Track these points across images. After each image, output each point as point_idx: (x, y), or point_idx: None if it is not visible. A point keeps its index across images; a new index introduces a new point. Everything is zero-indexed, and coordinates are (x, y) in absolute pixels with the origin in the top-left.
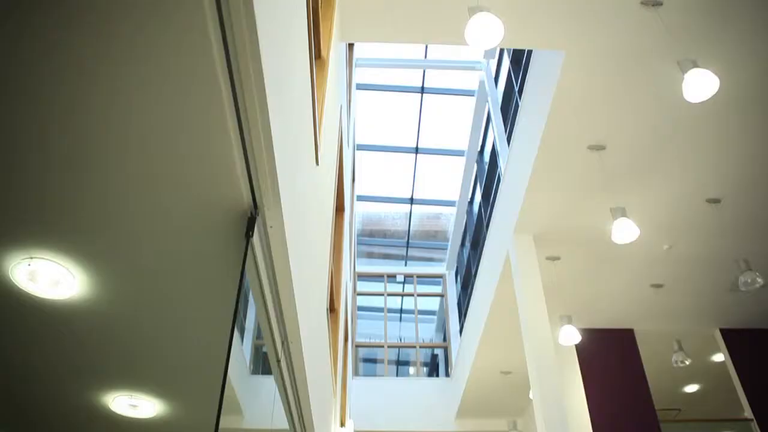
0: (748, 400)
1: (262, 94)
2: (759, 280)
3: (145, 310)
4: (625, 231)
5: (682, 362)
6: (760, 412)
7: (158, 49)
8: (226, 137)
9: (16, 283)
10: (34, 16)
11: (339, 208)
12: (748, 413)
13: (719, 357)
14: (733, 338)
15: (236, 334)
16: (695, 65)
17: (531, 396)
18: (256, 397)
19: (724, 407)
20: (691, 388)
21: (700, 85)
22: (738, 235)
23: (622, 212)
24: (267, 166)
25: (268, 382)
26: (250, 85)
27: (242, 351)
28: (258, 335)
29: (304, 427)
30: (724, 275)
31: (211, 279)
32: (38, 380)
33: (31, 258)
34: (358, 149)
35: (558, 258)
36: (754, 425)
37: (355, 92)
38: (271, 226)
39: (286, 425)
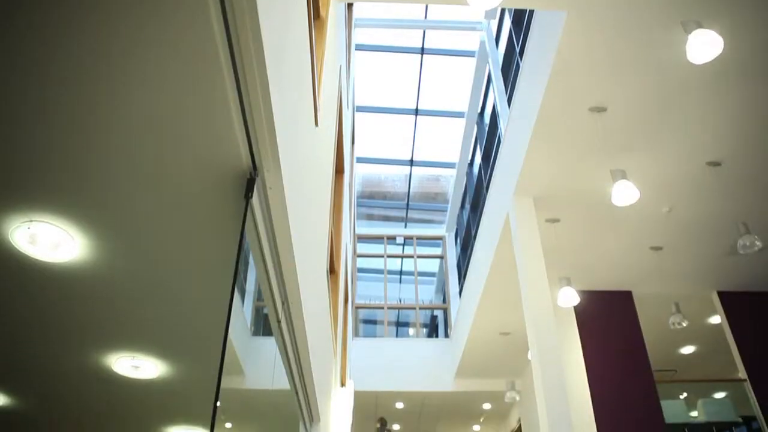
0: (743, 361)
1: (260, 55)
2: (758, 243)
3: (146, 272)
4: (625, 193)
5: (680, 324)
6: (754, 372)
7: (156, 11)
8: (224, 98)
9: (16, 247)
10: None
11: (339, 170)
12: (742, 374)
13: (716, 319)
14: (730, 300)
15: (237, 295)
16: (699, 26)
17: (529, 357)
18: (257, 358)
19: (719, 368)
20: (688, 349)
21: (704, 46)
22: (737, 198)
23: (622, 174)
24: (266, 127)
25: (269, 343)
26: (248, 46)
27: (243, 312)
28: (258, 297)
29: (305, 387)
30: (723, 238)
31: (211, 240)
32: (41, 343)
33: (31, 221)
34: (357, 111)
35: (558, 220)
36: (748, 386)
37: (354, 53)
38: (270, 188)
39: (287, 385)
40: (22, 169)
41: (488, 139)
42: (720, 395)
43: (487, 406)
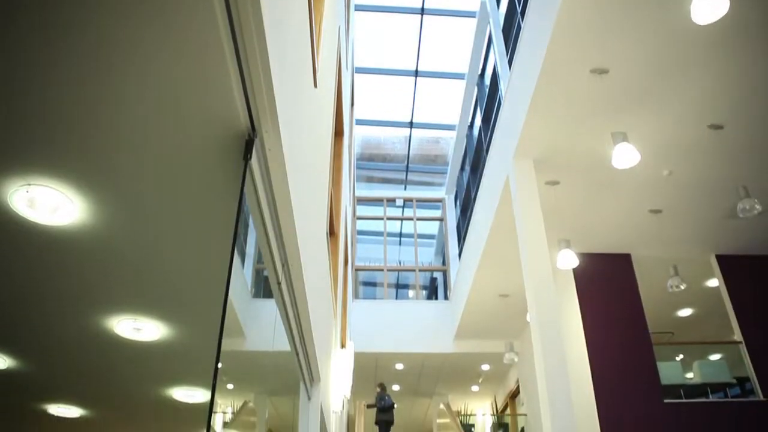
0: (739, 324)
1: (258, 16)
2: (757, 207)
3: (146, 235)
4: (625, 156)
5: (678, 287)
6: (749, 335)
7: None
8: (222, 59)
9: (15, 210)
10: None
11: (338, 132)
12: (737, 336)
13: (713, 282)
14: (728, 264)
15: (237, 257)
16: None
17: (528, 318)
18: (257, 320)
19: (716, 331)
20: (685, 312)
21: (709, 6)
22: (738, 162)
23: (623, 137)
24: (264, 88)
25: (270, 306)
26: (246, 8)
27: (243, 275)
28: (259, 260)
29: (305, 348)
30: (723, 202)
31: (211, 202)
32: (42, 305)
33: (29, 185)
34: (357, 72)
35: (557, 183)
36: (743, 347)
37: (353, 14)
38: (269, 149)
39: (287, 346)
40: (19, 133)
41: (488, 101)
42: (715, 357)
43: (485, 367)
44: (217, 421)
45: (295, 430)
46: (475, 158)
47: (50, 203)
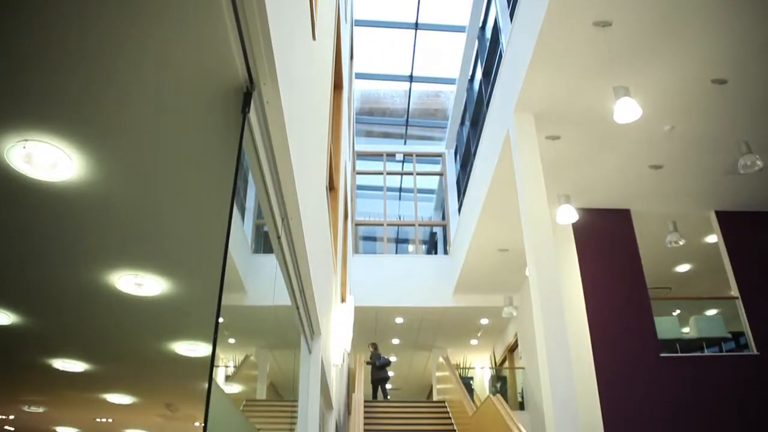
0: (736, 279)
1: None
2: (758, 163)
3: (145, 190)
4: (627, 111)
5: (676, 243)
6: (746, 290)
7: None
8: (219, 10)
9: (12, 166)
10: None
11: (337, 86)
12: (734, 292)
13: (712, 238)
14: (727, 220)
15: (237, 212)
16: None
17: (527, 273)
18: (258, 275)
19: (713, 287)
20: (683, 268)
21: None
22: (740, 118)
23: (625, 91)
24: (262, 40)
25: (270, 261)
26: None
27: (243, 230)
28: (259, 215)
29: (306, 302)
30: (724, 157)
31: (209, 157)
32: (43, 263)
33: (26, 140)
34: (356, 25)
35: (558, 137)
36: (739, 303)
37: None
38: (267, 102)
39: (288, 301)
40: (15, 88)
41: (489, 55)
42: (711, 312)
43: (484, 321)
44: (220, 374)
45: (296, 383)
46: (476, 112)
47: (48, 159)
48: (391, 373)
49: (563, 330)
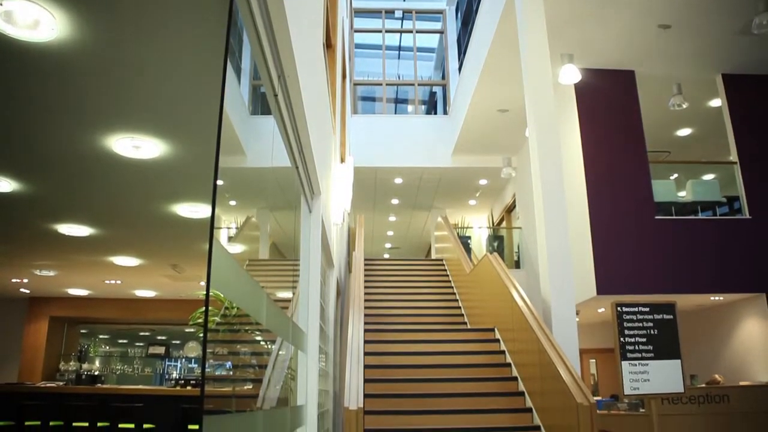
0: (737, 144)
1: None
2: None
3: (135, 50)
4: None
5: (679, 106)
6: (745, 155)
7: None
8: None
9: None
10: None
11: None
12: (733, 157)
13: (716, 102)
14: (733, 83)
15: (232, 73)
16: None
17: (527, 134)
18: (257, 137)
19: (712, 151)
20: (684, 132)
21: None
22: None
23: None
24: None
25: (269, 122)
26: None
27: (240, 92)
28: (255, 76)
29: (305, 162)
30: (738, 17)
31: (200, 12)
32: (36, 127)
33: None
34: None
35: None
36: (737, 168)
37: None
38: None
39: (287, 162)
40: None
41: None
42: (709, 177)
43: (483, 181)
44: (222, 236)
45: (297, 242)
46: None
47: (30, 17)
48: (390, 233)
49: (561, 190)
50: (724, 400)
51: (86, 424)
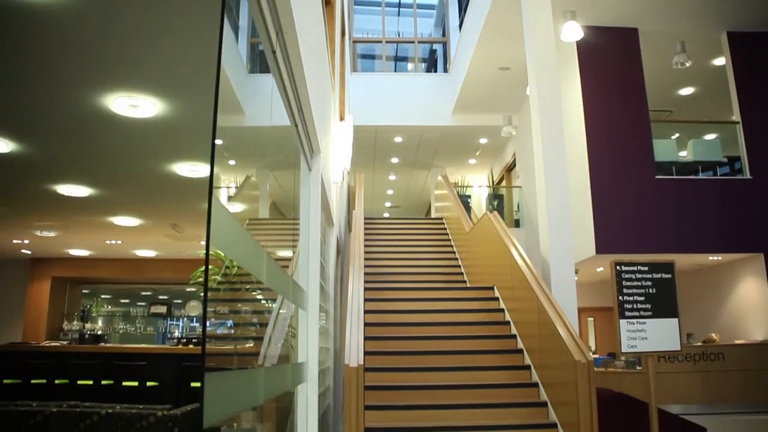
0: (740, 104)
1: None
2: None
3: (131, 9)
4: None
5: (683, 64)
6: (747, 115)
7: None
8: None
9: None
10: None
11: None
12: (736, 117)
13: (720, 61)
14: (738, 42)
15: (230, 31)
16: None
17: (528, 92)
18: (255, 96)
19: (714, 111)
20: (686, 91)
21: None
22: None
23: None
24: None
25: (267, 81)
26: None
27: (238, 50)
28: (254, 34)
29: (304, 120)
30: None
31: None
32: (33, 88)
33: None
34: None
35: None
36: (739, 128)
37: None
38: None
39: (286, 121)
40: None
41: None
42: (710, 137)
43: (483, 140)
44: (222, 195)
45: (297, 201)
46: None
47: None
48: (390, 192)
49: (561, 149)
50: (719, 358)
51: (90, 382)
